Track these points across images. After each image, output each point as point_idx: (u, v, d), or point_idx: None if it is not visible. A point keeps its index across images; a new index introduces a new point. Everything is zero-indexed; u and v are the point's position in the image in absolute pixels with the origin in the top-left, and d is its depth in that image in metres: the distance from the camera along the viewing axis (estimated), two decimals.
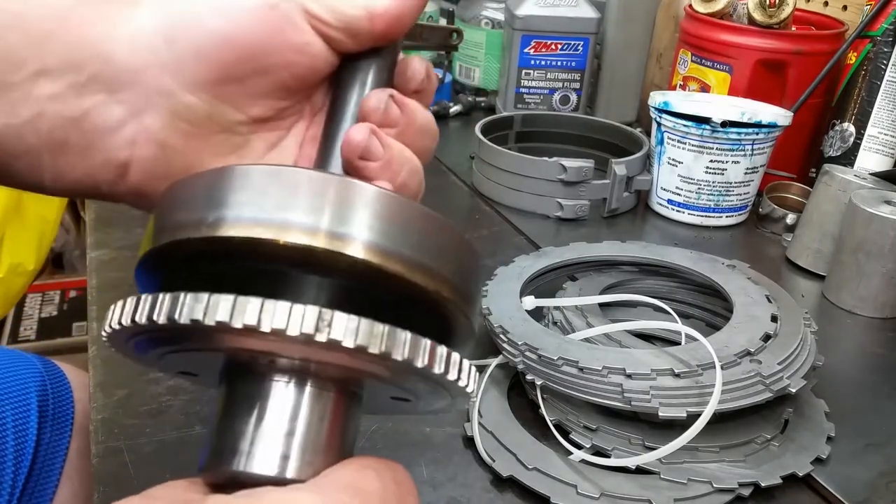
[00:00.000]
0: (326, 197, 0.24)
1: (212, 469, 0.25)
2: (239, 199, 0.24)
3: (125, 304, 0.24)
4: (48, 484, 0.62)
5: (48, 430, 0.63)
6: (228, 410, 0.25)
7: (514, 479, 0.46)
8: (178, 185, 0.26)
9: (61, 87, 0.28)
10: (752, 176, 0.82)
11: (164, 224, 0.25)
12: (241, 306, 0.22)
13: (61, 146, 0.29)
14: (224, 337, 0.24)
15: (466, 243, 0.26)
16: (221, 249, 0.24)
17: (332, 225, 0.23)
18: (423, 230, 0.25)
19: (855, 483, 0.48)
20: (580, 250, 0.65)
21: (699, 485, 0.45)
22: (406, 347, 0.23)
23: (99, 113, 0.28)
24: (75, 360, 0.76)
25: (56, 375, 0.67)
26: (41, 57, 0.28)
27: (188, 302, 0.22)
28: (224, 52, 0.28)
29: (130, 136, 0.29)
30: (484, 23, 1.12)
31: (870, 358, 0.63)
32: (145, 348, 0.27)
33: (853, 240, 0.67)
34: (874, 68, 0.78)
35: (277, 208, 0.23)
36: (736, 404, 0.46)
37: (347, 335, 0.22)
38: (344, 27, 0.29)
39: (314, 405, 0.25)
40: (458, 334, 0.28)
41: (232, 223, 0.23)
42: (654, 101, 0.83)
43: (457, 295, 0.25)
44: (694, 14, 0.90)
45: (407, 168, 0.30)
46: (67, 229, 1.78)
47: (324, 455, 0.25)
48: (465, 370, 0.25)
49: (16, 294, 1.06)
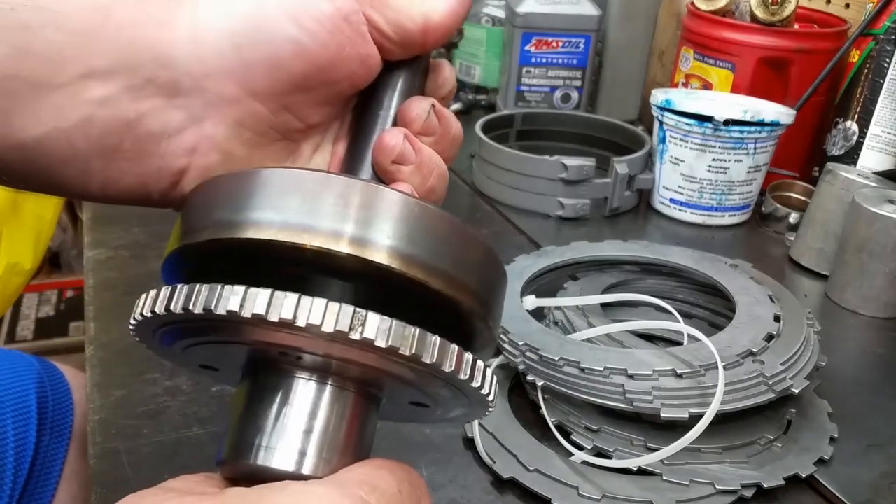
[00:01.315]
0: (352, 202, 0.24)
1: (231, 462, 0.25)
2: (268, 203, 0.24)
3: (159, 293, 0.24)
4: (48, 485, 0.62)
5: (47, 432, 0.63)
6: (250, 405, 0.26)
7: (514, 481, 0.45)
8: (209, 184, 0.26)
9: (113, 90, 0.27)
10: (755, 174, 0.82)
11: (195, 223, 0.25)
12: (277, 300, 0.22)
13: (114, 152, 0.27)
14: (256, 330, 0.24)
15: (490, 252, 0.27)
16: (249, 251, 0.24)
17: (357, 230, 0.23)
18: (445, 237, 0.25)
19: (858, 484, 0.47)
20: (581, 250, 0.65)
21: (701, 486, 0.45)
22: (435, 351, 0.24)
23: (156, 118, 0.27)
24: (72, 360, 0.76)
25: (55, 377, 0.67)
26: (87, 58, 0.26)
27: (225, 294, 0.22)
28: (297, 62, 0.28)
29: (191, 143, 0.28)
30: (484, 20, 1.12)
31: (873, 358, 0.63)
32: (171, 340, 0.27)
33: (856, 239, 0.66)
34: (877, 66, 0.78)
35: (304, 213, 0.24)
36: (738, 405, 0.46)
37: (380, 335, 0.23)
38: (400, 40, 0.30)
39: (334, 404, 0.25)
40: (478, 340, 0.28)
41: (260, 226, 0.24)
42: (655, 99, 0.82)
43: (478, 303, 0.26)
44: (696, 11, 0.89)
45: (436, 173, 0.31)
46: (65, 228, 1.78)
47: (341, 454, 0.25)
48: (488, 378, 0.26)
49: (12, 294, 1.05)
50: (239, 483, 0.25)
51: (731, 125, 0.77)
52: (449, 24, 0.30)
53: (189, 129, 0.28)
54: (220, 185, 0.25)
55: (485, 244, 0.27)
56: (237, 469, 0.25)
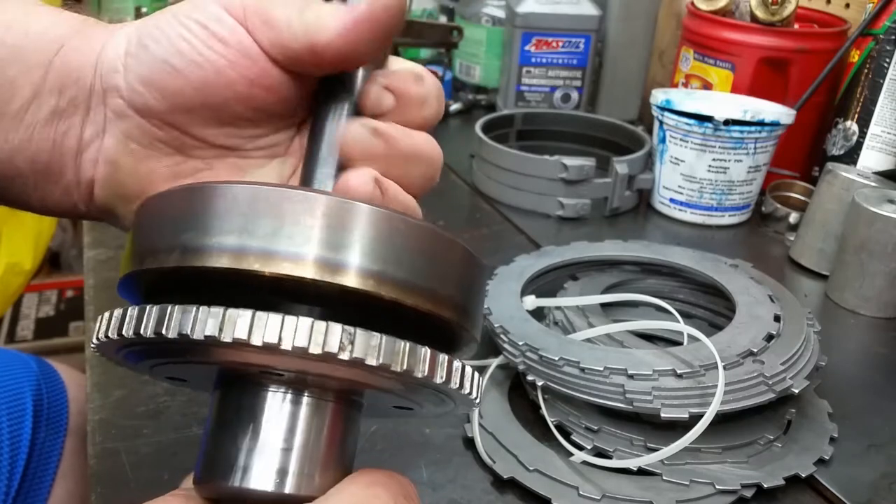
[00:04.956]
0: (313, 219, 0.22)
1: (207, 483, 0.24)
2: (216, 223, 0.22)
3: (111, 316, 0.23)
4: (43, 483, 0.62)
5: (42, 430, 0.63)
6: (223, 422, 0.24)
7: (514, 481, 0.45)
8: (154, 202, 0.25)
9: (48, 112, 0.29)
10: (755, 174, 0.82)
11: (142, 247, 0.24)
12: (259, 322, 0.21)
13: (44, 168, 0.30)
14: (236, 353, 0.22)
15: (464, 252, 0.25)
16: (200, 278, 0.23)
17: (321, 251, 0.22)
18: (418, 249, 0.23)
19: (858, 484, 0.47)
20: (581, 249, 0.65)
21: (701, 486, 0.45)
22: (426, 365, 0.23)
23: (74, 135, 0.29)
24: (72, 360, 0.76)
25: (50, 376, 0.67)
26: (37, 85, 0.29)
27: (201, 317, 0.21)
28: (173, 82, 0.28)
29: (94, 155, 0.30)
30: (484, 20, 1.12)
31: (873, 358, 0.63)
32: (137, 360, 0.26)
33: (856, 239, 0.66)
34: (877, 66, 0.78)
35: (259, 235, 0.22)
36: (739, 405, 0.46)
37: (370, 354, 0.21)
38: (291, 62, 0.28)
39: (313, 416, 0.24)
40: (458, 341, 0.27)
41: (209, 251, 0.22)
42: (656, 99, 0.82)
43: (456, 311, 0.24)
44: (696, 11, 0.89)
45: None
46: (64, 228, 1.77)
47: (324, 467, 0.24)
48: (475, 383, 0.25)
49: (13, 294, 1.05)
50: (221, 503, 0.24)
51: (731, 125, 0.77)
52: (342, 45, 0.27)
53: (94, 143, 0.30)
54: (166, 202, 0.24)
55: (458, 245, 0.25)
56: (216, 490, 0.24)
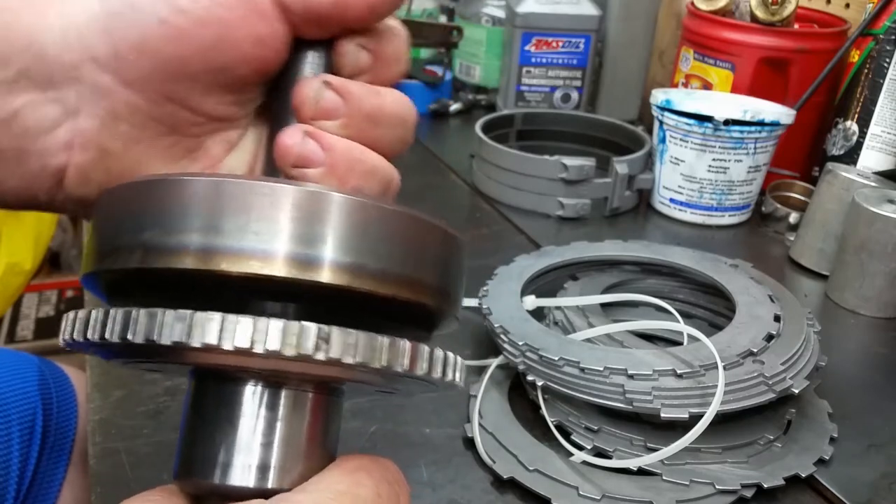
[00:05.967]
0: (281, 213, 0.21)
1: (188, 479, 0.23)
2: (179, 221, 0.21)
3: (76, 318, 0.22)
4: (52, 485, 0.62)
5: (52, 434, 0.63)
6: (199, 416, 0.23)
7: (514, 481, 0.45)
8: (115, 194, 0.23)
9: None
10: (755, 174, 0.82)
11: (103, 245, 0.23)
12: (230, 326, 0.20)
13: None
14: (207, 356, 0.21)
15: (442, 233, 0.24)
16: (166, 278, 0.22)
17: (292, 246, 0.21)
18: (393, 236, 0.22)
19: (858, 484, 0.47)
20: (581, 249, 0.65)
21: (701, 486, 0.45)
22: (406, 358, 0.22)
23: (30, 113, 0.25)
24: (72, 360, 0.76)
25: (59, 378, 0.66)
26: None
27: (167, 321, 0.20)
28: (170, 44, 0.24)
29: (66, 139, 0.25)
30: (484, 20, 1.12)
31: (873, 358, 0.63)
32: (108, 357, 0.25)
33: (856, 239, 0.66)
34: (877, 66, 0.78)
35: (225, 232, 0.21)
36: (739, 405, 0.46)
37: (347, 352, 0.21)
38: (308, 16, 0.25)
39: (292, 408, 0.23)
40: (439, 322, 0.26)
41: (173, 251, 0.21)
42: (655, 99, 0.82)
43: (436, 296, 0.24)
44: (696, 11, 0.89)
45: (359, 170, 0.26)
46: (65, 228, 1.78)
47: (307, 459, 0.23)
48: (458, 369, 0.24)
49: (13, 294, 1.05)
50: (202, 499, 0.23)
51: (731, 125, 0.77)
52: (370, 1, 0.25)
53: (64, 124, 0.25)
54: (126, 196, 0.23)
55: (435, 226, 0.24)
56: (196, 486, 0.23)
